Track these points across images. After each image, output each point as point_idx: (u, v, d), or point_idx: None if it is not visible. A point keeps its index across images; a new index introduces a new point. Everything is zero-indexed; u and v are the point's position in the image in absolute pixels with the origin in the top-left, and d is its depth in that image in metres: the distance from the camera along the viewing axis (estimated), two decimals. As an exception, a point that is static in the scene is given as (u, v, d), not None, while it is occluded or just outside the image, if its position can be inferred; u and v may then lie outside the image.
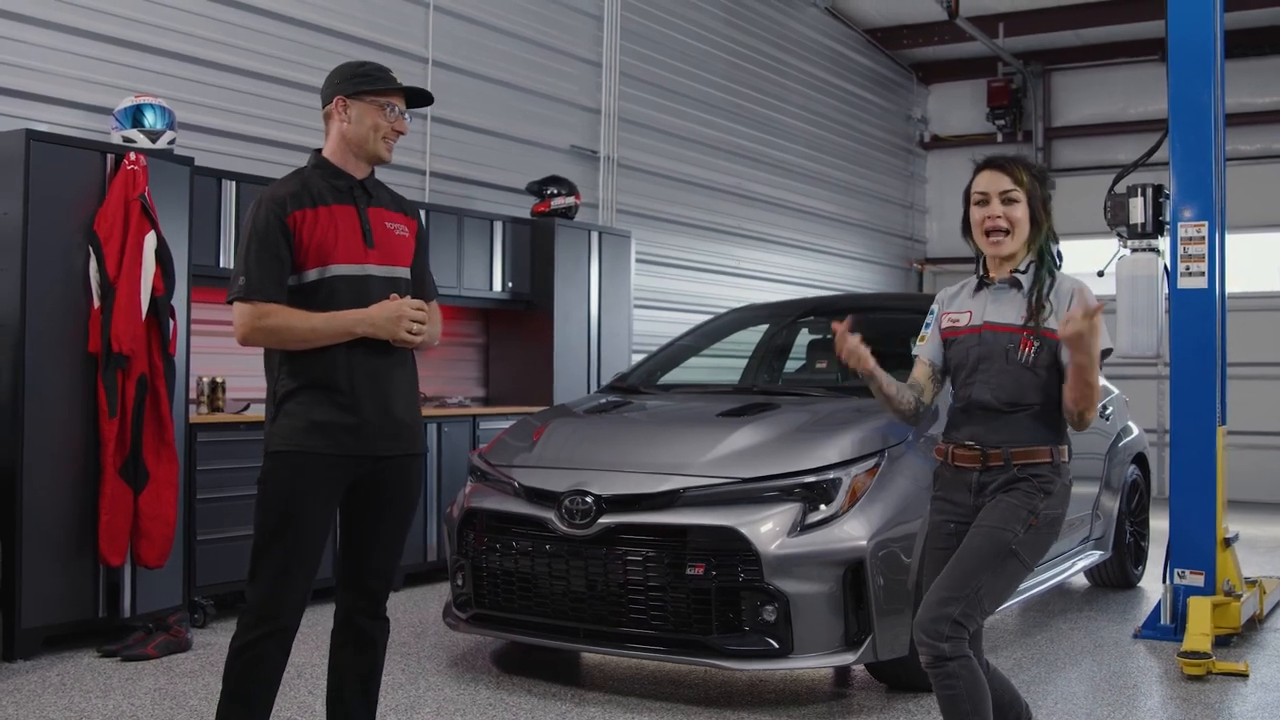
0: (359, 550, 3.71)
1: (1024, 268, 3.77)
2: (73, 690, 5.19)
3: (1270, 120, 13.84)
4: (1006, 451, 3.67)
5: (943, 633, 3.53)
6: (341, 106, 3.65)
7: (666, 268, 11.25)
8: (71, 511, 5.80)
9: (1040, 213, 3.76)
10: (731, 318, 7.48)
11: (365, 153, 3.68)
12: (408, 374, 3.73)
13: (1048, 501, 3.64)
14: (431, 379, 8.78)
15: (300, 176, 3.67)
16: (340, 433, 3.53)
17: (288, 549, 3.52)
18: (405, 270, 3.74)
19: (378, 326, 3.53)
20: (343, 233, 3.59)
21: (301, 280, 3.55)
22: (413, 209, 3.90)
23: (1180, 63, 6.41)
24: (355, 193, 3.68)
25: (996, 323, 3.75)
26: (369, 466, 3.61)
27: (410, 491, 3.77)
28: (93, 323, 5.81)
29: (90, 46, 6.72)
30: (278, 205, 3.55)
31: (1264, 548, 9.33)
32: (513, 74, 9.53)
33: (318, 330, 3.51)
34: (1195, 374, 6.38)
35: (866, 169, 14.87)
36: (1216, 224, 6.41)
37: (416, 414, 3.77)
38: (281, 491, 3.53)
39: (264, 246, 3.52)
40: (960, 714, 3.53)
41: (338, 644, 3.78)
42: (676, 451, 5.30)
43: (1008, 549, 3.59)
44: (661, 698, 5.20)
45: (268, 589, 3.52)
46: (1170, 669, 5.77)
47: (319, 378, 3.54)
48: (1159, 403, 13.48)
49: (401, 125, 3.72)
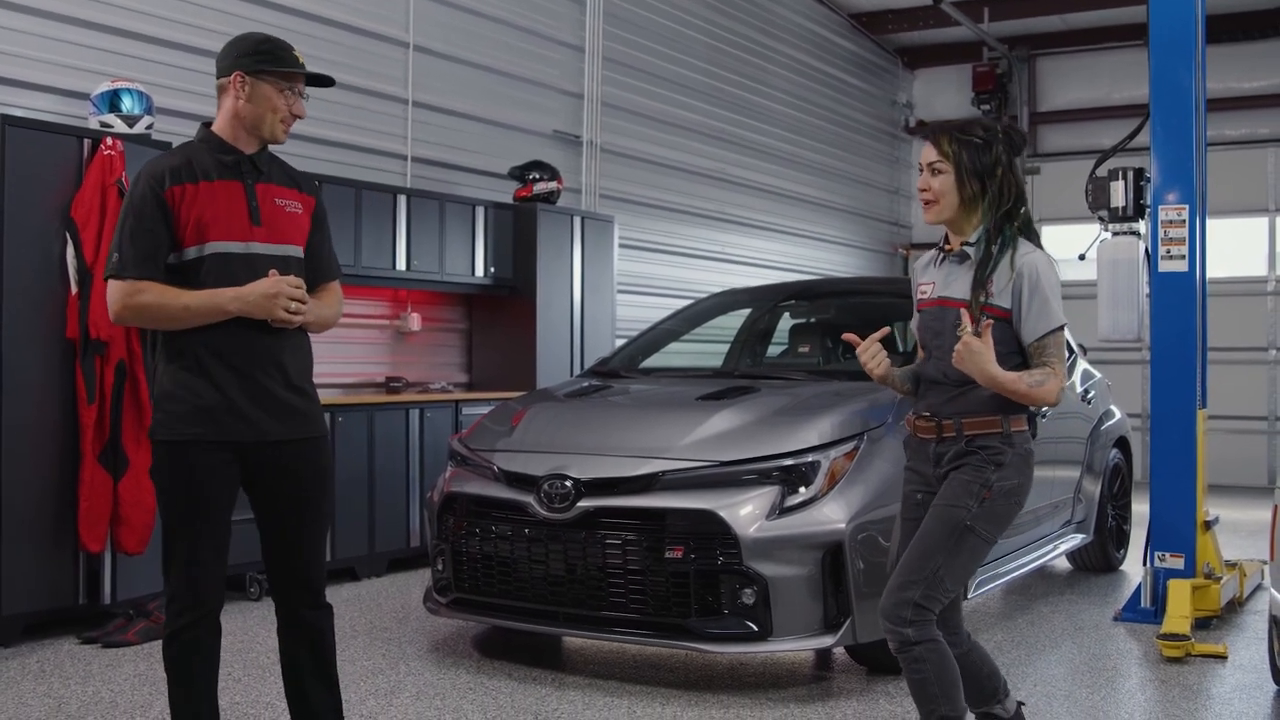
0: (284, 545, 3.63)
1: (973, 240, 3.70)
2: (52, 677, 5.17)
3: (1254, 105, 13.85)
4: (958, 422, 3.65)
5: (905, 617, 3.54)
6: (240, 82, 3.53)
7: (649, 253, 11.23)
8: (50, 498, 5.78)
9: (969, 182, 3.64)
10: (713, 302, 7.48)
11: (259, 134, 3.57)
12: (298, 354, 3.61)
13: (1000, 473, 3.61)
14: (414, 365, 8.77)
15: (186, 150, 3.56)
16: (224, 417, 3.44)
17: (195, 537, 3.45)
18: (297, 249, 3.61)
19: (252, 305, 3.41)
20: (225, 209, 3.47)
21: (182, 258, 3.44)
22: (310, 186, 3.75)
23: (1161, 46, 6.41)
24: (243, 168, 3.55)
25: (948, 297, 3.72)
26: (266, 452, 3.52)
27: (316, 475, 3.64)
28: (70, 309, 5.78)
29: (66, 31, 6.68)
30: (156, 180, 3.44)
31: (1244, 531, 9.35)
32: (495, 58, 9.49)
33: (190, 309, 3.40)
34: (1175, 358, 6.39)
35: (851, 154, 14.86)
36: (1197, 208, 6.42)
37: (309, 396, 3.64)
38: (177, 483, 3.46)
39: (139, 222, 3.41)
40: (929, 698, 3.53)
41: (287, 640, 3.70)
42: (656, 435, 5.30)
43: (962, 525, 3.58)
44: (642, 681, 5.21)
45: (184, 578, 3.46)
46: (1150, 651, 5.79)
47: (198, 360, 3.44)
48: (1141, 387, 13.51)
49: (300, 109, 3.60)
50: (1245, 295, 13.74)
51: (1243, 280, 13.84)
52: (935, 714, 3.54)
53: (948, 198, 3.68)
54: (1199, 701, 5.02)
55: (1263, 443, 13.86)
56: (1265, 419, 13.88)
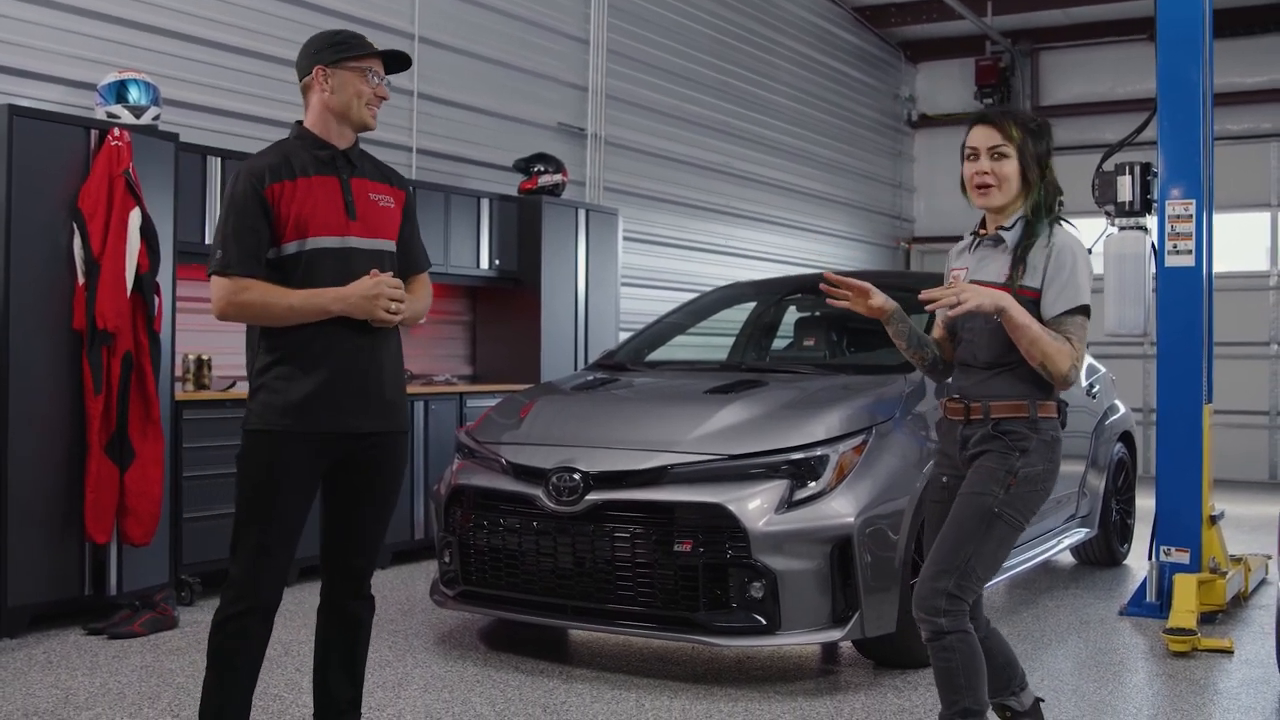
0: (343, 531, 3.69)
1: (1010, 224, 3.74)
2: (59, 668, 5.17)
3: (1257, 100, 13.86)
4: (986, 405, 3.68)
5: (939, 607, 3.55)
6: (322, 76, 3.61)
7: (653, 245, 11.23)
8: (57, 489, 5.77)
9: (1031, 169, 3.70)
10: (718, 295, 7.47)
11: (350, 121, 3.63)
12: (391, 351, 3.69)
13: (1025, 459, 3.62)
14: (418, 357, 8.76)
15: (282, 148, 3.63)
16: (318, 411, 3.50)
17: (267, 528, 3.51)
18: (390, 243, 3.69)
19: (354, 306, 3.48)
20: (323, 204, 3.54)
21: (281, 253, 3.51)
22: (400, 179, 3.86)
23: (1169, 41, 6.40)
24: (338, 163, 3.62)
25: (981, 280, 3.73)
26: (350, 445, 3.58)
27: (394, 470, 3.74)
28: (77, 300, 5.77)
29: (73, 21, 6.67)
30: (256, 177, 3.51)
31: (1249, 526, 9.36)
32: (500, 51, 9.48)
33: (295, 309, 3.47)
34: (1182, 352, 6.39)
35: (854, 147, 14.85)
36: (1204, 203, 6.42)
37: (399, 392, 3.73)
38: (260, 471, 3.51)
39: (242, 219, 3.48)
40: (955, 688, 3.54)
41: (324, 623, 3.78)
42: (664, 428, 5.29)
43: (990, 513, 3.59)
44: (649, 674, 5.21)
45: (248, 566, 3.51)
46: (1156, 646, 5.80)
47: (297, 355, 3.50)
48: (1145, 382, 13.52)
49: (383, 91, 3.68)
50: (1246, 290, 13.74)
51: (1244, 275, 13.84)
52: (958, 705, 3.55)
53: (1010, 183, 3.70)
54: (1206, 696, 5.03)
55: (1264, 437, 13.88)
56: (1267, 414, 13.90)
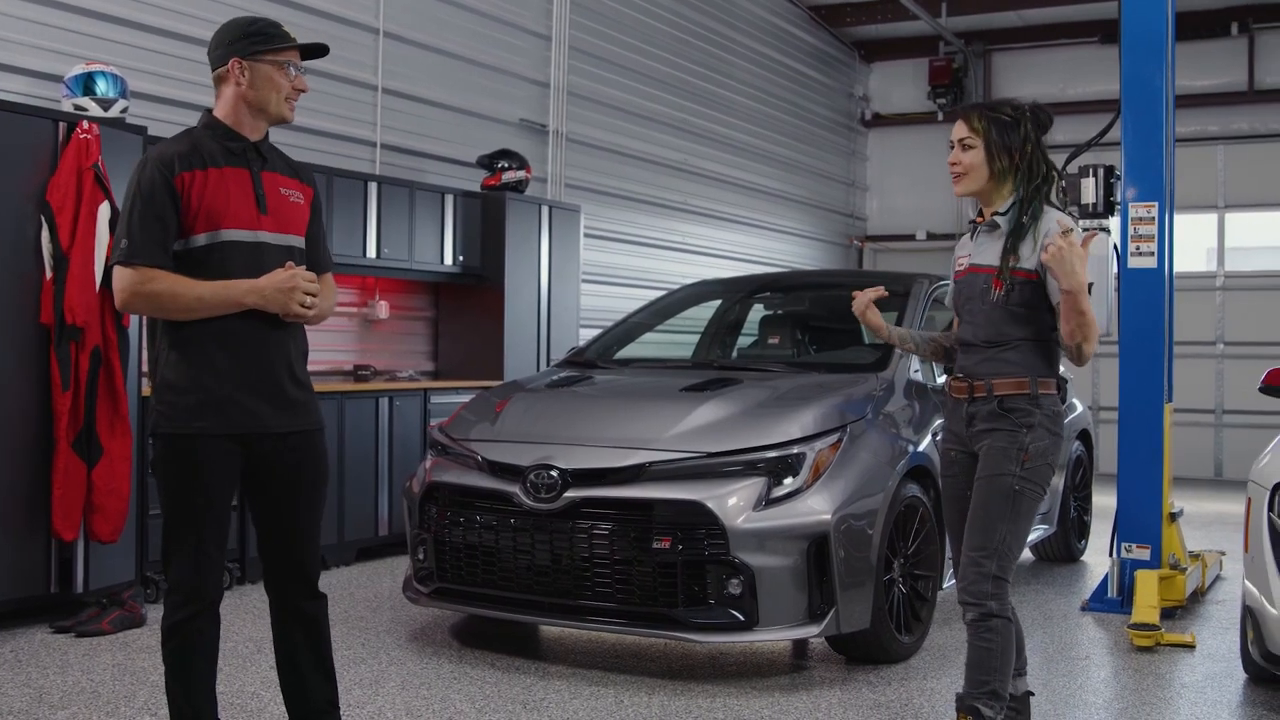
0: (281, 537, 3.61)
1: (1004, 210, 3.94)
2: (29, 667, 5.11)
3: (1204, 103, 14.08)
4: (989, 383, 3.87)
5: (987, 591, 3.74)
6: (239, 69, 3.47)
7: (612, 242, 11.24)
8: (24, 486, 5.70)
9: (999, 157, 3.89)
10: (687, 293, 7.50)
11: (267, 115, 3.52)
12: (298, 347, 3.60)
13: (1032, 434, 3.82)
14: (380, 352, 8.73)
15: (191, 136, 3.51)
16: (229, 409, 3.42)
17: (199, 530, 3.43)
18: (299, 239, 3.59)
19: (268, 299, 3.39)
20: (235, 197, 3.43)
21: (189, 245, 3.39)
22: (309, 176, 3.73)
23: (1133, 45, 6.51)
24: (249, 155, 3.50)
25: (979, 264, 3.97)
26: (267, 445, 3.50)
27: (315, 468, 3.63)
28: (45, 294, 5.70)
29: (39, 12, 6.58)
30: (165, 165, 3.38)
31: (1198, 522, 9.54)
32: (463, 46, 9.46)
33: (204, 300, 3.35)
34: (1144, 352, 6.51)
35: (809, 146, 14.94)
36: (1165, 205, 6.53)
37: (309, 388, 3.64)
38: (183, 477, 3.42)
39: (148, 208, 3.35)
40: (988, 669, 3.72)
41: (283, 631, 3.68)
42: (641, 426, 5.32)
43: (1011, 491, 3.79)
44: (624, 670, 5.23)
45: (189, 570, 3.43)
46: (1119, 640, 5.90)
47: (205, 351, 3.39)
48: (1094, 380, 13.73)
49: (301, 83, 3.56)
50: (1193, 290, 13.97)
51: (1191, 275, 14.06)
52: (987, 686, 3.73)
53: (976, 171, 3.92)
54: (1173, 690, 5.13)
55: (1209, 435, 14.13)
56: (1212, 412, 14.15)
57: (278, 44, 3.52)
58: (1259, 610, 4.67)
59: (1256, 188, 14.25)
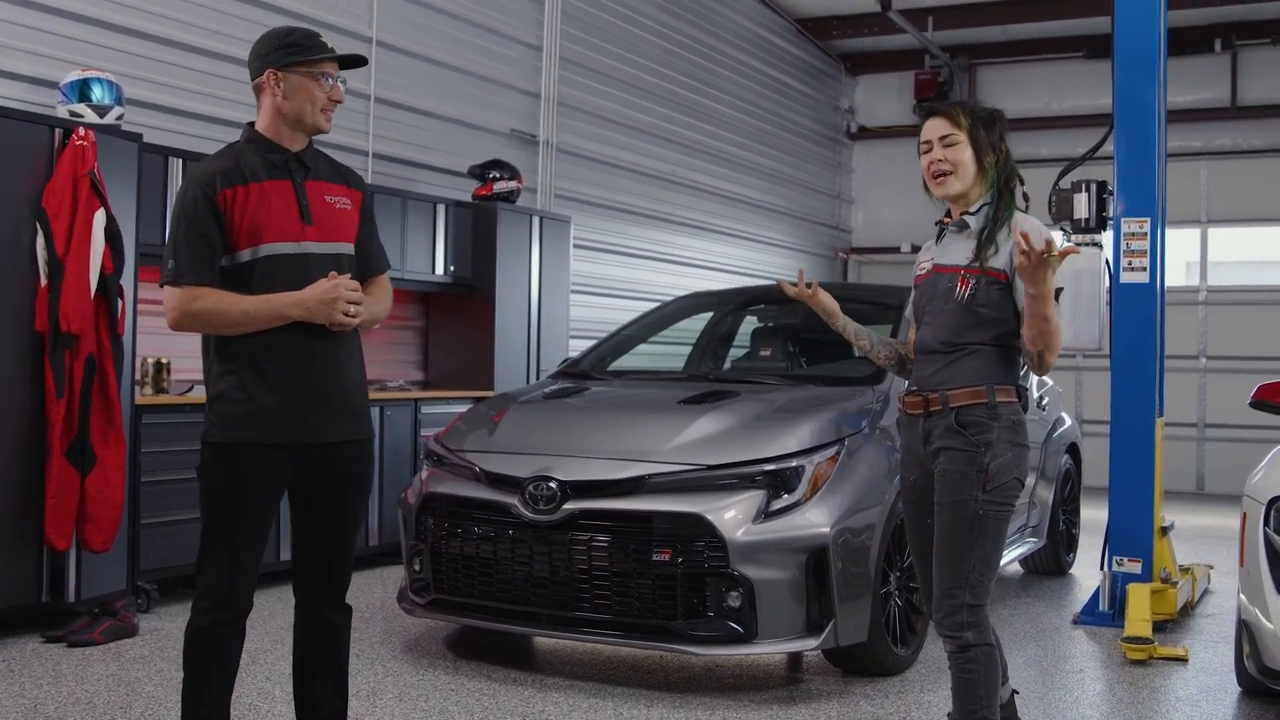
0: (317, 543, 3.64)
1: (974, 209, 3.82)
2: (22, 677, 5.08)
3: (1187, 119, 14.13)
4: (944, 394, 3.71)
5: (962, 621, 3.62)
6: (274, 80, 3.50)
7: (601, 253, 11.24)
8: (16, 494, 5.66)
9: (986, 154, 3.79)
10: (680, 305, 7.52)
11: (304, 126, 3.55)
12: (351, 355, 3.62)
13: (991, 452, 3.65)
14: (370, 362, 8.54)
15: (233, 152, 3.54)
16: (278, 420, 3.44)
17: (235, 539, 3.45)
18: (348, 245, 3.60)
19: (311, 310, 3.41)
20: (277, 210, 3.46)
21: (235, 261, 3.42)
22: (357, 180, 3.75)
23: (1126, 61, 6.56)
24: (291, 166, 3.53)
25: (944, 264, 3.82)
26: (316, 454, 3.52)
27: (361, 478, 3.67)
28: (40, 301, 5.66)
29: (34, 17, 6.55)
30: (206, 183, 3.41)
31: (1183, 536, 9.57)
32: (455, 56, 9.46)
33: (249, 314, 3.39)
34: (1136, 367, 6.55)
35: (795, 158, 14.98)
36: (1158, 220, 6.57)
37: (361, 398, 3.66)
38: (223, 484, 3.45)
39: (193, 226, 3.39)
40: (974, 698, 3.62)
41: (304, 637, 3.70)
42: (641, 438, 5.32)
43: (975, 516, 3.64)
44: (621, 682, 5.23)
45: (219, 577, 3.46)
46: (1112, 654, 5.93)
47: (254, 363, 3.42)
48: (1078, 394, 13.79)
49: (338, 94, 3.58)
50: (1176, 305, 14.03)
51: (1174, 290, 14.11)
52: (976, 715, 3.63)
53: (965, 167, 3.79)
54: (1169, 703, 5.16)
55: (1191, 449, 14.21)
56: (1195, 425, 14.23)
57: (312, 55, 3.55)
58: (1255, 625, 4.70)
59: (1239, 203, 14.37)
